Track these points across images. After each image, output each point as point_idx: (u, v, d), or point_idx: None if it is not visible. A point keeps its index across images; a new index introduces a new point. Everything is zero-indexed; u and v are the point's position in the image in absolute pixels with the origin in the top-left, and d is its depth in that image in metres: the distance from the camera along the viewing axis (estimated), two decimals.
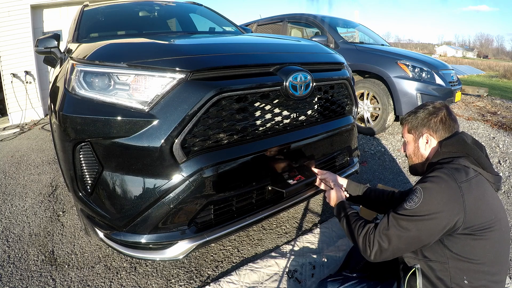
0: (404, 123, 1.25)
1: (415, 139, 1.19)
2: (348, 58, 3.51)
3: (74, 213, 2.19)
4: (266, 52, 1.65)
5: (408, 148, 1.24)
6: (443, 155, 1.09)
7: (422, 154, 1.18)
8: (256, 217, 1.43)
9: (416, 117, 1.18)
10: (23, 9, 5.55)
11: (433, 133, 1.14)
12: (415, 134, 1.19)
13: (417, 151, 1.19)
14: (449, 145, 1.09)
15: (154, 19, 2.89)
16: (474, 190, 0.95)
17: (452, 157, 1.06)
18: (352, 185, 1.53)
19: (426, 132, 1.15)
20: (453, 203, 0.93)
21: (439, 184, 0.96)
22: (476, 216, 0.94)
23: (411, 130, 1.20)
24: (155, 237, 1.27)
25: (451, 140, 1.10)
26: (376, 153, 3.36)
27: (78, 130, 1.24)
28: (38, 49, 2.15)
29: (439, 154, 1.11)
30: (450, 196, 0.94)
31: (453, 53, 62.36)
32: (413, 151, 1.20)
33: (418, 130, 1.17)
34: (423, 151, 1.17)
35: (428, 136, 1.15)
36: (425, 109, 1.18)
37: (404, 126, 1.24)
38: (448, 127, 1.13)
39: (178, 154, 1.19)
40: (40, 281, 1.57)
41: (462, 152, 1.06)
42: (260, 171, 1.43)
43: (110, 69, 1.24)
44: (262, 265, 1.61)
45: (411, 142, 1.21)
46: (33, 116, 5.83)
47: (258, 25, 5.32)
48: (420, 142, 1.17)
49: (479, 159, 1.03)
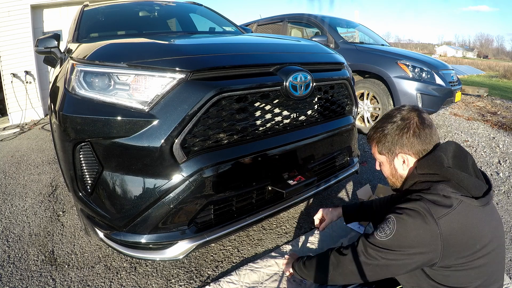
0: (371, 142, 1.08)
1: (389, 160, 1.05)
2: (348, 58, 3.51)
3: (74, 213, 2.19)
4: (266, 52, 1.65)
5: (384, 170, 1.09)
6: (419, 178, 0.96)
7: (401, 175, 1.04)
8: (256, 217, 1.43)
9: (384, 135, 1.02)
10: (23, 9, 5.55)
11: (408, 151, 0.99)
12: (388, 155, 1.04)
13: (394, 172, 1.05)
14: (425, 167, 0.96)
15: (154, 19, 2.89)
16: (455, 223, 0.84)
17: (431, 181, 0.93)
18: (349, 208, 1.46)
19: (400, 152, 1.00)
20: (429, 242, 0.85)
21: (414, 219, 0.86)
22: (456, 252, 0.86)
23: (382, 151, 1.05)
24: (155, 237, 1.27)
25: (427, 161, 0.96)
26: None
27: (78, 130, 1.24)
28: (38, 49, 2.15)
29: (414, 177, 0.98)
30: (425, 234, 0.84)
31: (453, 53, 62.39)
32: (391, 173, 1.07)
33: (390, 151, 1.02)
34: (401, 171, 1.03)
35: (403, 156, 1.00)
36: (392, 123, 1.01)
37: (373, 146, 1.08)
38: (425, 139, 0.98)
39: (178, 154, 1.19)
40: (40, 281, 1.57)
41: (441, 176, 0.92)
42: (260, 171, 1.43)
43: (110, 69, 1.24)
44: (262, 265, 1.61)
45: (386, 163, 1.07)
46: (33, 116, 5.83)
47: (258, 25, 5.32)
48: (396, 163, 1.03)
49: (462, 182, 0.89)
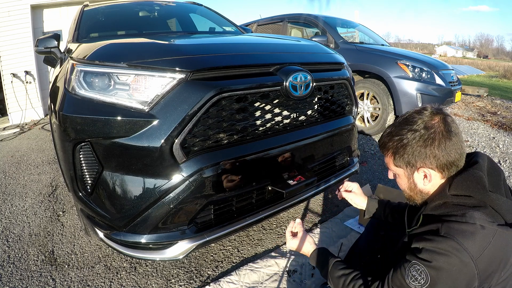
0: (385, 152, 0.93)
1: (407, 174, 0.91)
2: (348, 58, 3.51)
3: (74, 213, 2.19)
4: (266, 52, 1.65)
5: (400, 183, 0.96)
6: (450, 200, 0.83)
7: (421, 190, 0.91)
8: (256, 217, 1.43)
9: (403, 146, 0.87)
10: (23, 9, 5.55)
11: (431, 164, 0.85)
12: (406, 169, 0.90)
13: (413, 187, 0.92)
14: (460, 188, 0.82)
15: (154, 19, 2.89)
16: (491, 256, 0.75)
17: (464, 205, 0.80)
18: (373, 203, 1.31)
19: (421, 166, 0.87)
20: (466, 283, 0.75)
21: (450, 265, 0.74)
22: (488, 280, 0.77)
23: (399, 164, 0.90)
24: (155, 237, 1.27)
25: (464, 181, 0.82)
26: (376, 153, 3.36)
27: (78, 130, 1.24)
28: (38, 49, 2.15)
29: (444, 197, 0.84)
30: (463, 278, 0.75)
31: (453, 53, 62.40)
32: (409, 187, 0.94)
33: (409, 164, 0.88)
34: (421, 186, 0.90)
35: (425, 170, 0.87)
36: (412, 131, 0.86)
37: (387, 156, 0.93)
38: (451, 150, 0.83)
39: (178, 154, 1.19)
40: (40, 281, 1.57)
41: (476, 200, 0.79)
42: (260, 171, 1.43)
43: (110, 69, 1.24)
44: (262, 265, 1.61)
45: (403, 177, 0.93)
46: (33, 116, 5.83)
47: (258, 25, 5.32)
48: (415, 177, 0.90)
49: (500, 208, 0.78)
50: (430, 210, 0.86)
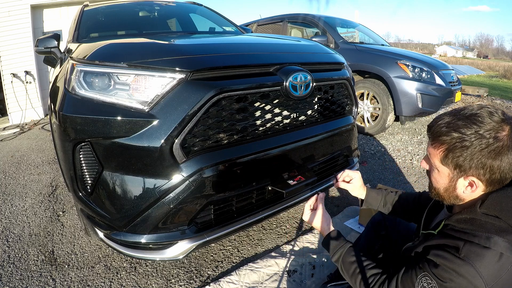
0: (436, 144, 0.82)
1: (451, 176, 0.82)
2: (348, 58, 3.51)
3: (74, 213, 2.19)
4: (266, 52, 1.65)
5: (436, 179, 0.87)
6: (479, 218, 0.78)
7: (457, 195, 0.84)
8: (256, 217, 1.43)
9: (463, 148, 0.77)
10: (23, 9, 5.55)
11: (484, 177, 0.78)
12: (453, 171, 0.81)
13: (451, 190, 0.84)
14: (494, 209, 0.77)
15: (154, 19, 2.89)
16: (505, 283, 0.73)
17: (490, 227, 0.76)
18: (373, 194, 1.27)
19: (473, 175, 0.79)
20: None
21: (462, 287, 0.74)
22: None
23: (448, 163, 0.81)
24: (155, 237, 1.27)
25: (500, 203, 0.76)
26: (376, 153, 3.36)
27: (78, 130, 1.24)
28: (38, 49, 2.15)
29: (473, 212, 0.79)
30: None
31: (453, 53, 62.42)
32: (444, 188, 0.86)
33: (461, 168, 0.79)
34: (460, 193, 0.83)
35: (474, 180, 0.79)
36: (479, 137, 0.75)
37: (437, 149, 0.82)
38: (509, 166, 0.77)
39: (178, 154, 1.19)
40: (40, 281, 1.57)
41: (506, 224, 0.74)
42: (260, 171, 1.43)
43: (110, 69, 1.24)
44: (262, 265, 1.61)
45: (444, 176, 0.84)
46: (33, 116, 5.83)
47: (258, 25, 5.32)
48: (459, 182, 0.82)
49: None
50: (455, 221, 0.82)
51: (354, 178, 1.25)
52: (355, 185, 1.25)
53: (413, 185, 2.63)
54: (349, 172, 1.27)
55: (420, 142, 3.65)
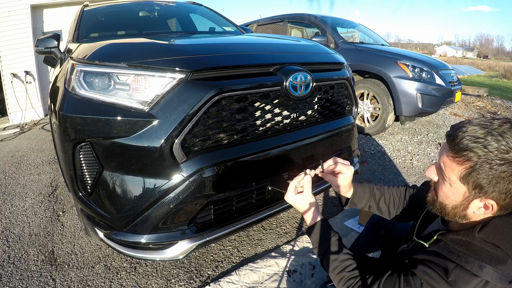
0: (458, 154, 0.73)
1: (467, 195, 0.75)
2: (348, 58, 3.51)
3: (74, 213, 2.19)
4: (266, 52, 1.65)
5: (447, 196, 0.79)
6: (477, 244, 0.73)
7: (466, 215, 0.78)
8: (256, 217, 1.43)
9: (489, 169, 0.69)
10: (23, 9, 5.55)
11: (502, 202, 0.72)
12: (471, 191, 0.74)
13: (461, 208, 0.78)
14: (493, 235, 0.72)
15: (154, 19, 2.89)
16: None
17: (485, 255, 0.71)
18: (359, 190, 1.13)
19: (493, 199, 0.73)
20: None
21: None
22: None
23: (467, 181, 0.73)
24: (155, 237, 1.27)
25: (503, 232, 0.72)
26: (376, 153, 3.36)
27: (78, 130, 1.24)
28: (38, 49, 2.15)
29: (471, 237, 0.74)
30: None
31: (453, 53, 62.44)
32: (454, 205, 0.79)
33: (481, 190, 0.72)
34: (470, 213, 0.77)
35: (492, 204, 0.73)
36: (510, 162, 0.68)
37: (457, 163, 0.74)
38: None
39: (178, 154, 1.19)
40: (40, 281, 1.57)
41: (503, 254, 0.70)
42: (260, 171, 1.43)
43: (110, 69, 1.24)
44: (262, 265, 1.61)
45: (456, 192, 0.77)
46: (33, 116, 5.83)
47: (258, 25, 5.32)
48: (474, 203, 0.75)
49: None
50: (450, 241, 0.77)
51: (344, 174, 1.05)
52: (342, 181, 1.07)
53: None
54: (341, 166, 1.05)
55: (420, 142, 3.65)
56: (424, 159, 3.17)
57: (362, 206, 1.14)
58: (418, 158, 3.18)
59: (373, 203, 1.15)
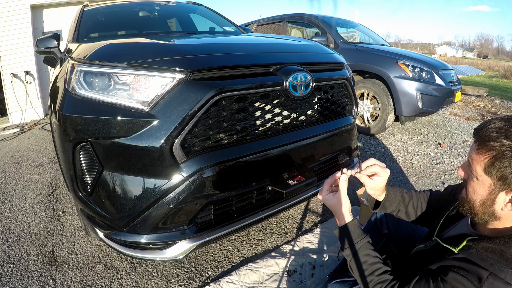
0: (481, 147, 0.75)
1: (493, 189, 0.75)
2: (348, 58, 3.51)
3: (74, 213, 2.19)
4: (266, 52, 1.65)
5: (475, 190, 0.79)
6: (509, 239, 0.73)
7: (494, 212, 0.77)
8: (256, 217, 1.43)
9: (510, 154, 0.71)
10: (23, 9, 5.55)
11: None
12: (496, 183, 0.74)
13: (488, 204, 0.77)
14: None
15: (154, 19, 2.89)
16: None
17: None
18: (391, 194, 1.12)
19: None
20: None
21: None
22: None
23: (492, 173, 0.74)
24: (155, 237, 1.27)
25: None
26: (376, 153, 3.36)
27: (78, 130, 1.24)
28: (38, 49, 2.15)
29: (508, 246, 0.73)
30: None
31: (453, 53, 62.46)
32: (481, 201, 0.78)
33: (505, 181, 0.72)
34: (498, 209, 0.76)
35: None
36: None
37: (481, 154, 0.75)
38: None
39: (178, 154, 1.19)
40: (40, 281, 1.57)
41: None
42: (260, 171, 1.43)
43: (110, 69, 1.24)
44: (262, 265, 1.61)
45: (483, 186, 0.77)
46: (33, 116, 5.83)
47: (258, 25, 5.32)
48: (500, 196, 0.75)
49: None
50: (483, 249, 0.75)
51: (380, 177, 1.04)
52: (377, 184, 1.05)
53: (413, 185, 2.63)
54: (379, 167, 1.03)
55: (420, 142, 3.65)
56: (424, 159, 3.17)
57: (391, 210, 1.13)
58: (418, 158, 3.18)
59: (403, 207, 1.13)
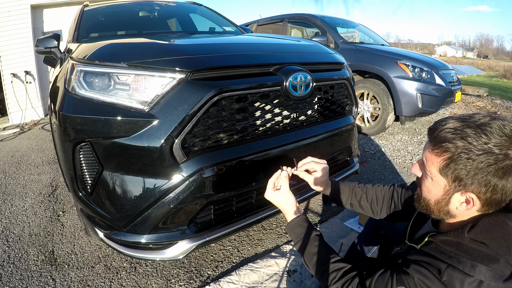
0: (437, 148, 0.73)
1: (448, 189, 0.75)
2: (348, 58, 3.51)
3: (74, 213, 2.19)
4: (266, 52, 1.65)
5: (429, 189, 0.79)
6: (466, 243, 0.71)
7: (448, 211, 0.77)
8: (256, 217, 1.43)
9: (467, 158, 0.69)
10: (23, 9, 5.55)
11: (483, 196, 0.71)
12: (451, 184, 0.74)
13: (443, 204, 0.77)
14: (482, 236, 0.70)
15: (154, 19, 2.89)
16: None
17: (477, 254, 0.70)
18: (337, 188, 1.16)
19: (473, 192, 0.71)
20: None
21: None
22: None
23: (447, 174, 0.73)
24: (155, 237, 1.27)
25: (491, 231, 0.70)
26: (376, 153, 3.36)
27: (78, 130, 1.24)
28: (38, 49, 2.15)
29: (461, 238, 0.73)
30: None
31: (453, 53, 62.44)
32: (436, 200, 0.78)
33: (460, 182, 0.72)
34: (452, 208, 0.76)
35: (473, 198, 0.72)
36: (489, 152, 0.67)
37: (437, 155, 0.73)
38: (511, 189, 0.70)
39: (178, 154, 1.19)
40: (40, 281, 1.57)
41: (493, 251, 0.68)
42: (260, 171, 1.43)
43: (110, 69, 1.24)
44: (262, 265, 1.61)
45: (437, 186, 0.76)
46: (33, 116, 5.83)
47: (258, 25, 5.32)
48: (455, 197, 0.74)
49: None
50: (440, 242, 0.76)
51: (318, 172, 1.12)
52: (317, 179, 1.11)
53: None
54: (314, 164, 1.13)
55: (420, 142, 3.65)
56: None
57: (344, 203, 1.16)
58: (418, 158, 3.18)
59: (355, 200, 1.16)
